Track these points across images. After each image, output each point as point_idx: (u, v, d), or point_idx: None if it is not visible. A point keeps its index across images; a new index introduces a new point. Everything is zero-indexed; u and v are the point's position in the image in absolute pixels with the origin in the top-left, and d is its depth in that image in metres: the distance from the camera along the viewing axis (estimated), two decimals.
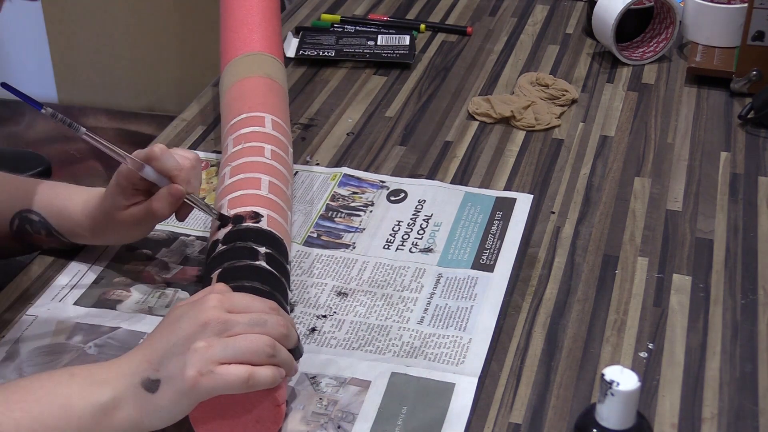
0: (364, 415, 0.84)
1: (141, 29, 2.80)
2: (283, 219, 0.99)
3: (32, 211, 1.00)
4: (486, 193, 1.14)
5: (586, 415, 0.74)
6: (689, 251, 1.05)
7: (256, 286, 0.87)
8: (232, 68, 1.17)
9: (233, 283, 0.86)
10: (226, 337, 0.77)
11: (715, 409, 0.86)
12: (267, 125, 1.08)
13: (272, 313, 0.81)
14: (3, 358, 0.90)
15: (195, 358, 0.75)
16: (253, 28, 1.22)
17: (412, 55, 1.44)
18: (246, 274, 0.89)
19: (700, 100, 1.35)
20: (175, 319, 0.79)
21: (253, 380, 0.76)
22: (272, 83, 1.16)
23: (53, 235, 1.00)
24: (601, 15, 1.43)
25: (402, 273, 1.01)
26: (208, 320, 0.77)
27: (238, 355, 0.76)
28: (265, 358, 0.77)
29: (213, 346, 0.76)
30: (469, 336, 0.93)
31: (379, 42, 1.47)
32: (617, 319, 0.96)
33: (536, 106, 1.30)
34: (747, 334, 0.94)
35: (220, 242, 0.93)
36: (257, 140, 1.05)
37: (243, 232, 0.93)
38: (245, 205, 0.97)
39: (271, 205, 0.98)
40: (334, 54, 1.44)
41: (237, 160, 1.03)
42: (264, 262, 0.91)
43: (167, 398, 0.76)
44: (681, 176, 1.18)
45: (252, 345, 0.77)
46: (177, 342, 0.77)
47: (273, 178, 1.01)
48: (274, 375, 0.78)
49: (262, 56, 1.19)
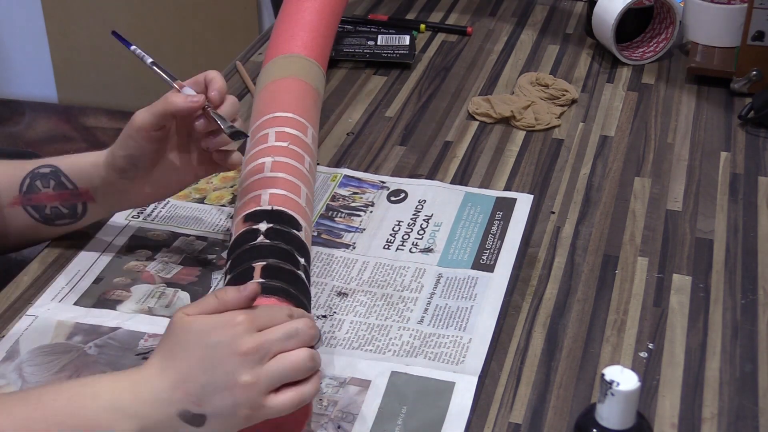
0: (364, 415, 0.84)
1: (141, 29, 2.80)
2: (311, 235, 0.99)
3: (45, 165, 0.99)
4: (486, 193, 1.14)
5: (586, 415, 0.74)
6: (689, 251, 1.05)
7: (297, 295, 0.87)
8: (288, 62, 1.16)
9: (277, 283, 0.86)
10: (268, 362, 0.76)
11: (715, 409, 0.86)
12: (308, 136, 1.07)
13: (302, 319, 0.79)
14: (3, 357, 0.90)
15: (244, 396, 0.74)
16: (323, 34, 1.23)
17: (412, 55, 1.44)
18: (289, 278, 0.88)
19: (700, 100, 1.35)
20: (208, 345, 0.75)
21: (302, 403, 0.76)
22: (318, 97, 1.17)
23: (63, 184, 0.98)
24: (601, 15, 1.43)
25: (402, 273, 1.01)
26: (246, 350, 0.75)
27: (284, 379, 0.76)
28: (308, 373, 0.77)
29: (259, 380, 0.74)
30: (469, 336, 0.93)
31: (379, 42, 1.47)
32: (617, 319, 0.96)
33: (536, 106, 1.31)
34: (747, 334, 0.94)
35: (261, 234, 0.92)
36: (300, 146, 1.04)
37: (287, 236, 0.93)
38: (286, 207, 0.96)
39: (306, 218, 0.98)
40: (334, 54, 1.44)
41: (281, 156, 1.01)
42: (303, 274, 0.91)
43: (213, 429, 0.75)
44: (681, 176, 1.18)
45: (295, 364, 0.76)
46: (217, 376, 0.74)
47: (308, 192, 1.01)
48: (317, 386, 0.78)
49: (317, 67, 1.19)
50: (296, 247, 0.93)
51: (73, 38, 2.91)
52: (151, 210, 1.10)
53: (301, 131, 1.06)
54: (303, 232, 0.95)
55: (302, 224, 0.96)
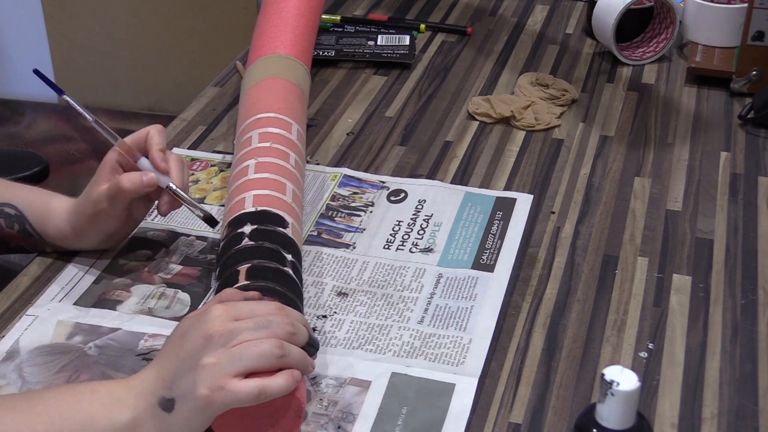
0: (364, 415, 0.84)
1: (141, 29, 2.80)
2: (300, 230, 0.99)
3: (9, 205, 1.00)
4: (486, 193, 1.14)
5: (586, 415, 0.74)
6: (689, 251, 1.05)
7: (284, 292, 0.87)
8: (268, 63, 1.17)
9: (262, 282, 0.86)
10: (233, 347, 0.76)
11: (715, 409, 0.86)
12: (293, 133, 1.07)
13: (278, 313, 0.79)
14: (3, 357, 0.90)
15: (204, 375, 0.74)
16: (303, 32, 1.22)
17: (412, 55, 1.44)
18: (274, 276, 0.88)
19: (700, 100, 1.35)
20: (183, 332, 0.78)
21: (264, 394, 0.75)
22: (302, 94, 1.16)
23: (27, 231, 1.00)
24: (601, 15, 1.43)
25: (402, 273, 1.01)
26: (212, 332, 0.76)
27: (247, 364, 0.75)
28: (275, 361, 0.76)
29: (220, 361, 0.75)
30: (469, 336, 0.93)
31: (379, 42, 1.47)
32: (617, 319, 0.96)
33: (536, 106, 1.30)
34: (747, 334, 0.94)
35: (246, 236, 0.93)
36: (284, 144, 1.05)
37: (272, 234, 0.93)
38: (271, 206, 0.96)
39: (293, 214, 0.98)
40: (334, 54, 1.44)
41: (264, 157, 1.02)
42: (290, 270, 0.91)
43: (183, 416, 0.76)
44: (681, 176, 1.18)
45: (258, 350, 0.76)
46: (185, 358, 0.76)
47: (295, 188, 1.01)
48: (287, 382, 0.76)
49: (299, 65, 1.19)
50: (282, 244, 0.93)
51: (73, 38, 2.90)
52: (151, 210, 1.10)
53: (286, 129, 1.06)
54: (290, 228, 0.95)
55: (288, 221, 0.96)
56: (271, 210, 0.96)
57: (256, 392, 0.75)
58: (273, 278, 0.88)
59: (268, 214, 0.96)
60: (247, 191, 0.98)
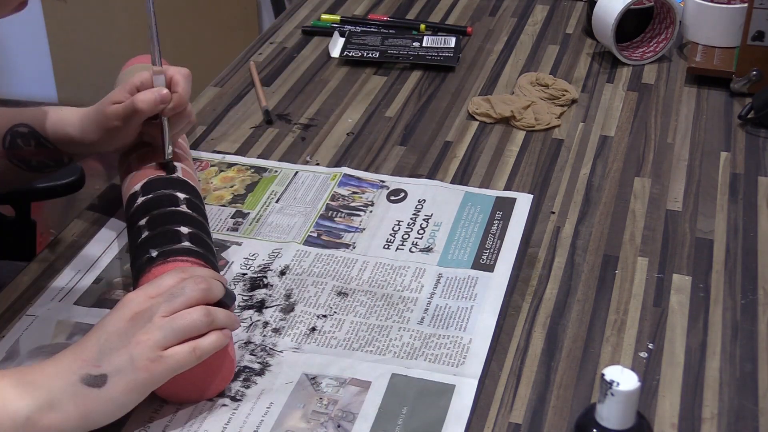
0: (364, 414, 0.84)
1: (141, 29, 2.80)
2: (193, 171, 1.06)
3: (22, 124, 1.07)
4: (486, 193, 1.14)
5: (586, 415, 0.74)
6: (689, 251, 1.05)
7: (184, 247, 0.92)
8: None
9: (160, 228, 0.93)
10: (164, 321, 0.80)
11: (715, 409, 0.86)
12: None
13: (185, 277, 0.84)
14: (3, 358, 0.90)
15: (140, 349, 0.79)
16: None
17: (457, 58, 1.44)
18: (171, 219, 0.95)
19: (700, 100, 1.35)
20: (100, 323, 0.82)
21: (199, 351, 0.81)
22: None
23: (42, 143, 1.07)
24: (601, 15, 1.43)
25: (402, 273, 1.01)
26: (134, 312, 0.81)
27: (179, 335, 0.80)
28: (204, 328, 0.81)
29: (153, 334, 0.80)
30: (469, 336, 0.93)
31: (425, 44, 1.47)
32: (617, 319, 0.96)
33: (536, 106, 1.31)
34: (747, 334, 0.94)
35: (139, 194, 0.98)
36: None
37: (162, 182, 0.99)
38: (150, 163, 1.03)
39: (179, 159, 1.05)
40: (378, 55, 1.44)
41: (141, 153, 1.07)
42: (185, 207, 0.96)
43: (119, 390, 0.78)
44: (681, 176, 1.18)
45: (188, 319, 0.81)
46: (110, 338, 0.80)
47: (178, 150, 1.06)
48: (219, 339, 0.82)
49: None
50: (172, 186, 0.99)
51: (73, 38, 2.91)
52: None
53: None
54: (180, 171, 1.02)
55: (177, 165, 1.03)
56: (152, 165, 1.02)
57: (191, 354, 0.80)
58: (169, 221, 0.94)
59: (152, 171, 1.01)
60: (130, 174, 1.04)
